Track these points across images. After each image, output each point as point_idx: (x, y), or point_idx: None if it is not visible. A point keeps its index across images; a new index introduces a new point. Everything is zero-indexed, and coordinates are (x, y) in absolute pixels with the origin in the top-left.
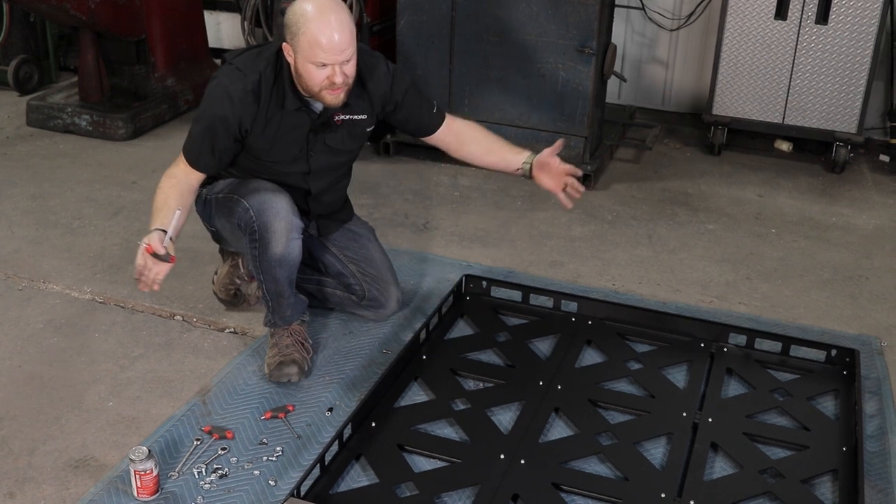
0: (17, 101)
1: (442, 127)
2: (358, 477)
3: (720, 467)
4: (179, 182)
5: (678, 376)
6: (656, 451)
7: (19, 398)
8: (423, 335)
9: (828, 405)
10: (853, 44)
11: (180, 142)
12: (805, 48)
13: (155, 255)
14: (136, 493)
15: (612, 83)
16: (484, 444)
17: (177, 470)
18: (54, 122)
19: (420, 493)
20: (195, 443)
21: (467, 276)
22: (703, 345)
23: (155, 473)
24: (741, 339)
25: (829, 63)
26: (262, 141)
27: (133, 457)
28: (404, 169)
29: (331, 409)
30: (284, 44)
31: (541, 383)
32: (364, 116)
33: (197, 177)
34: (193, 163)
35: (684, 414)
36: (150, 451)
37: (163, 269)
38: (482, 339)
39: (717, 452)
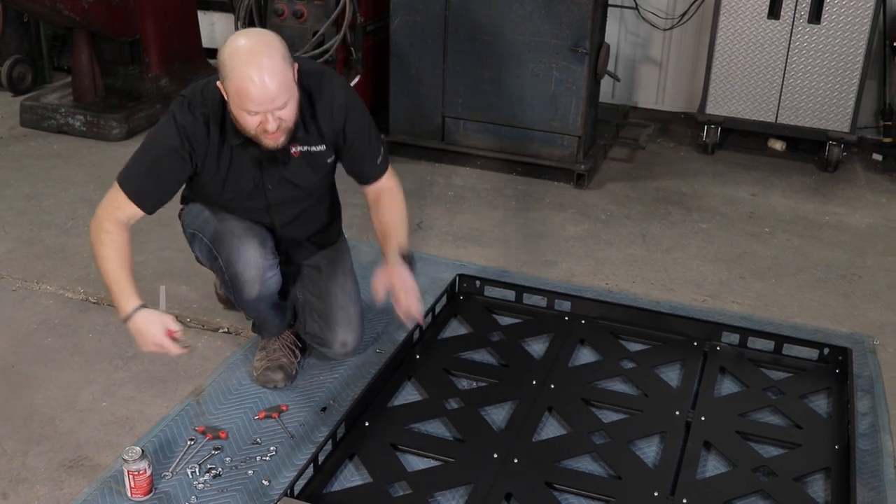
0: (11, 101)
1: (377, 185)
2: (351, 476)
3: (713, 466)
4: (114, 236)
5: (671, 375)
6: (649, 450)
7: (13, 398)
8: (416, 335)
9: (820, 403)
10: (846, 43)
11: None
12: (798, 47)
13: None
14: (129, 494)
15: (606, 82)
16: (477, 443)
17: (170, 470)
18: (48, 123)
19: (413, 493)
20: (189, 443)
21: (461, 276)
22: (696, 343)
23: (148, 473)
24: (734, 338)
25: (821, 62)
26: (215, 177)
27: (126, 457)
28: (399, 169)
29: (324, 409)
30: (218, 82)
31: (534, 382)
32: (322, 147)
33: (133, 214)
34: (134, 196)
35: (677, 412)
36: (143, 451)
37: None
38: (476, 339)
39: (709, 451)
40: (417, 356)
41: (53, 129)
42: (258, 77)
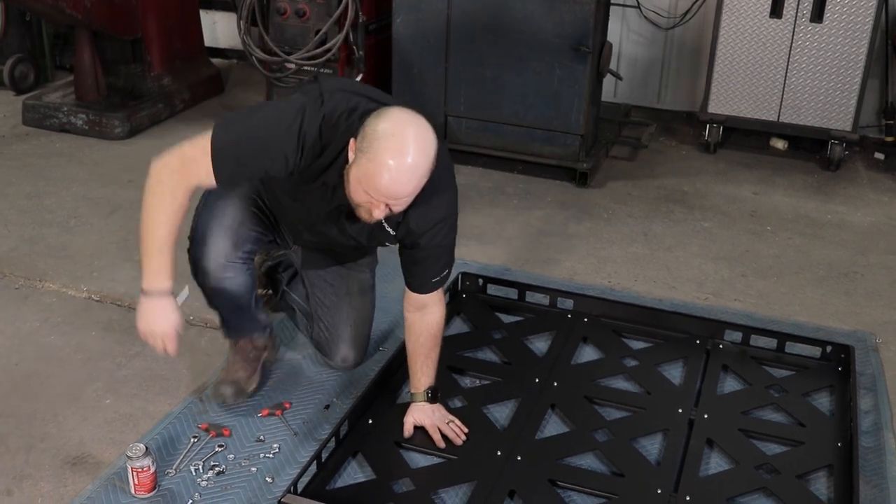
0: (13, 100)
1: (420, 297)
2: (355, 473)
3: (716, 463)
4: (177, 205)
5: (674, 373)
6: (652, 448)
7: (16, 396)
8: None
9: (823, 401)
10: (848, 42)
11: (177, 141)
12: (800, 46)
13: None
14: (133, 490)
15: (608, 81)
16: (480, 440)
17: (174, 467)
18: (50, 122)
19: (417, 489)
20: (192, 440)
21: (463, 274)
22: (698, 341)
23: (152, 470)
24: (737, 336)
25: (824, 61)
26: (292, 187)
27: (130, 454)
28: None
29: (327, 407)
30: (352, 139)
31: (537, 380)
32: (392, 232)
33: (206, 183)
34: (226, 180)
35: (680, 410)
36: (147, 448)
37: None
38: (478, 337)
39: (712, 448)
40: None
41: (56, 127)
42: (396, 177)
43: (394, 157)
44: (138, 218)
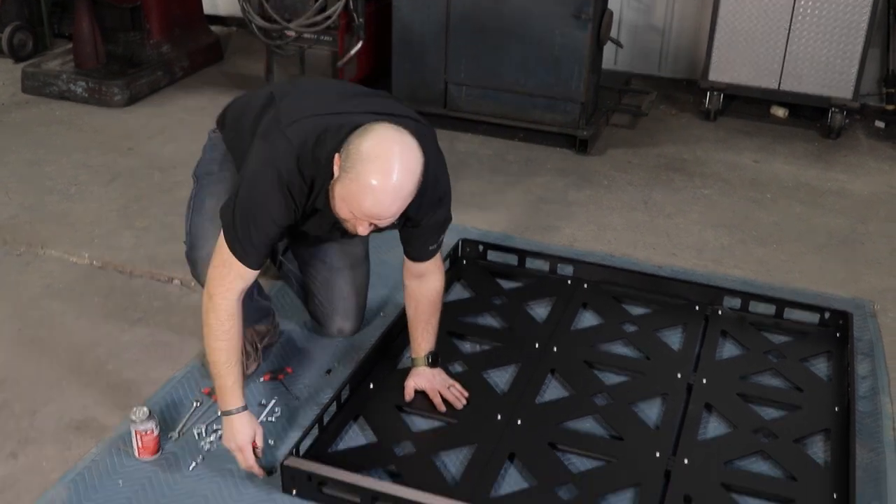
0: (12, 68)
1: (419, 265)
2: (356, 437)
3: (714, 427)
4: (227, 326)
5: (673, 338)
6: (651, 412)
7: (20, 361)
8: None
9: (821, 367)
10: (850, 10)
11: (177, 109)
12: (802, 14)
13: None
14: (137, 454)
15: (609, 49)
16: (481, 404)
17: (177, 430)
18: (50, 89)
19: (418, 452)
20: (195, 404)
21: (464, 241)
22: (697, 308)
23: (156, 434)
24: (736, 302)
25: (825, 29)
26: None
27: (134, 417)
28: None
29: (329, 372)
30: (337, 155)
31: (537, 345)
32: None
33: (250, 278)
34: (255, 264)
35: (679, 375)
36: (150, 411)
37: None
38: (479, 303)
39: (710, 413)
40: None
41: (55, 95)
42: (380, 198)
43: (377, 178)
44: (139, 186)
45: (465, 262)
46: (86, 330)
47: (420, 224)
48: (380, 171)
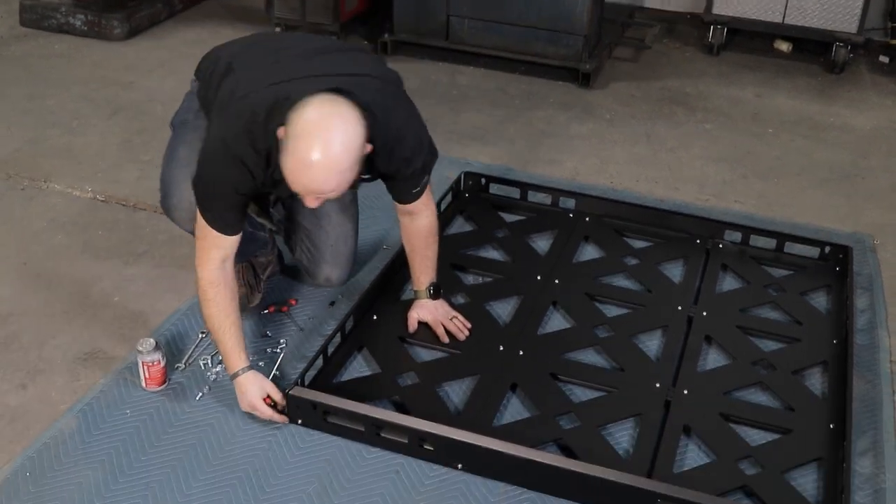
0: (10, 0)
1: (406, 206)
2: (360, 367)
3: (713, 359)
4: (213, 293)
5: (674, 272)
6: (651, 344)
7: (26, 294)
8: None
9: (820, 300)
10: None
11: (177, 42)
12: None
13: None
14: (144, 384)
15: None
16: (483, 336)
17: (183, 361)
18: (48, 22)
19: (421, 383)
20: (200, 335)
21: (466, 174)
22: (699, 241)
23: (162, 365)
24: (736, 236)
25: None
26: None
27: (141, 348)
28: (402, 67)
29: (332, 304)
30: (281, 127)
31: (539, 278)
32: (367, 177)
33: (228, 245)
34: (216, 227)
35: (679, 308)
36: (157, 342)
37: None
38: (481, 235)
39: (710, 345)
40: None
41: (54, 28)
42: (315, 174)
43: (309, 154)
44: (141, 119)
45: (466, 194)
46: (91, 263)
47: (395, 177)
48: (312, 147)
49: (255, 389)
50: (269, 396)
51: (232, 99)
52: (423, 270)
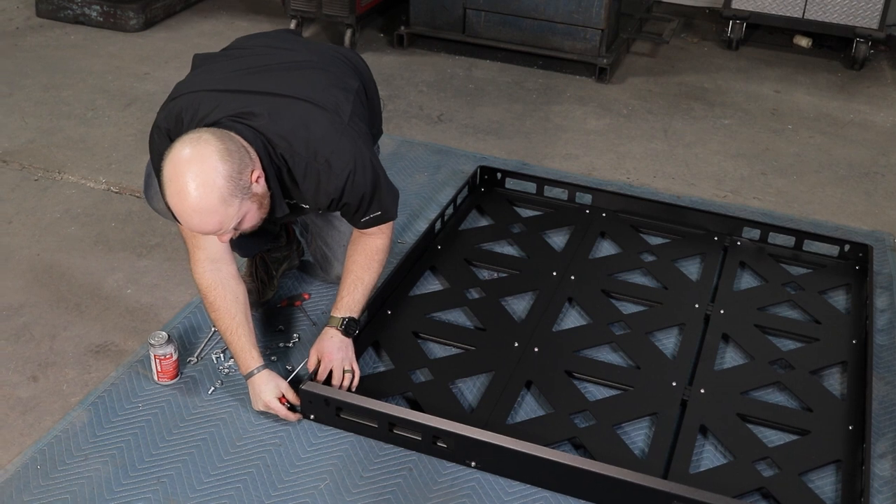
0: None
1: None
2: (374, 363)
3: (731, 358)
4: (213, 296)
5: (691, 269)
6: (668, 342)
7: (39, 286)
8: (437, 225)
9: (839, 299)
10: None
11: (192, 33)
12: None
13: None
14: (156, 377)
15: None
16: (498, 332)
17: (195, 355)
18: (64, 13)
19: (435, 379)
20: (213, 329)
21: (481, 168)
22: (716, 238)
23: (175, 358)
24: (755, 234)
25: None
26: None
27: (153, 341)
28: (418, 61)
29: None
30: None
31: (554, 274)
32: (306, 206)
33: (207, 242)
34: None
35: (696, 305)
36: (169, 336)
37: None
38: (497, 230)
39: (728, 343)
40: (439, 247)
41: (70, 19)
42: (188, 221)
43: (175, 203)
44: (156, 111)
45: (482, 189)
46: (104, 255)
47: (329, 209)
48: (170, 195)
49: (270, 388)
50: (283, 396)
51: (169, 98)
52: (350, 293)
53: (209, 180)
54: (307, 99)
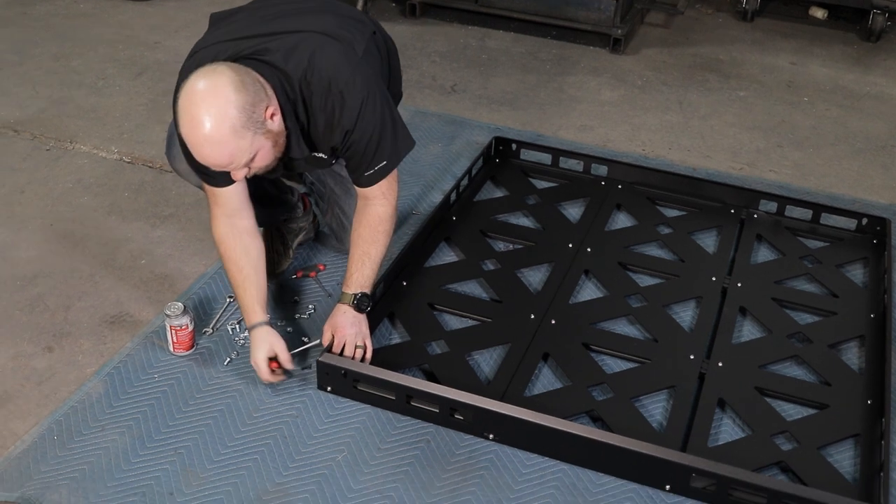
0: None
1: (361, 190)
2: (389, 334)
3: (748, 331)
4: (225, 247)
5: (708, 241)
6: (685, 314)
7: (52, 256)
8: (452, 196)
9: (857, 273)
10: None
11: (202, 2)
12: None
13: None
14: (172, 348)
15: None
16: (514, 304)
17: (211, 326)
18: None
19: (451, 351)
20: (228, 300)
21: (497, 139)
22: (733, 211)
23: (190, 329)
24: (772, 206)
25: None
26: None
27: (169, 312)
28: (431, 31)
29: None
30: None
31: (570, 246)
32: (323, 156)
33: (226, 198)
34: (207, 180)
35: (713, 278)
36: (185, 306)
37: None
38: (512, 202)
39: (745, 317)
40: (454, 218)
41: None
42: (199, 152)
43: (188, 133)
44: (167, 80)
45: (497, 160)
46: (117, 225)
47: (343, 149)
48: (184, 125)
49: (261, 346)
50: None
51: (188, 54)
52: (359, 268)
53: (222, 111)
54: (321, 31)
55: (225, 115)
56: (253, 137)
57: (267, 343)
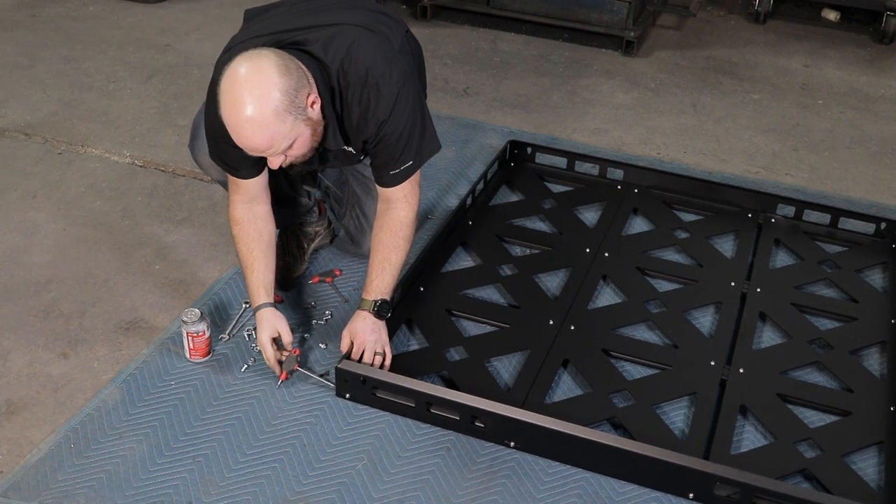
0: None
1: (384, 191)
2: (407, 340)
3: (768, 337)
4: (238, 230)
5: (725, 246)
6: (704, 320)
7: (65, 261)
8: (468, 201)
9: (876, 278)
10: None
11: (212, 5)
12: None
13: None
14: (188, 355)
15: None
16: (532, 309)
17: (227, 332)
18: None
19: (470, 358)
20: (244, 306)
21: (512, 142)
22: (750, 215)
23: (207, 335)
24: (789, 210)
25: None
26: None
27: (186, 318)
28: (442, 33)
29: None
30: None
31: (588, 250)
32: (353, 150)
33: (247, 187)
34: (231, 171)
35: (732, 283)
36: (202, 313)
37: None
38: (528, 206)
39: (765, 322)
40: (470, 222)
41: None
42: (240, 133)
43: (229, 114)
44: (178, 83)
45: (512, 164)
46: (131, 230)
47: (374, 147)
48: (226, 106)
49: (265, 328)
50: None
51: (224, 50)
52: (380, 275)
53: (266, 92)
54: (358, 24)
55: (269, 97)
56: (294, 123)
57: (270, 324)
